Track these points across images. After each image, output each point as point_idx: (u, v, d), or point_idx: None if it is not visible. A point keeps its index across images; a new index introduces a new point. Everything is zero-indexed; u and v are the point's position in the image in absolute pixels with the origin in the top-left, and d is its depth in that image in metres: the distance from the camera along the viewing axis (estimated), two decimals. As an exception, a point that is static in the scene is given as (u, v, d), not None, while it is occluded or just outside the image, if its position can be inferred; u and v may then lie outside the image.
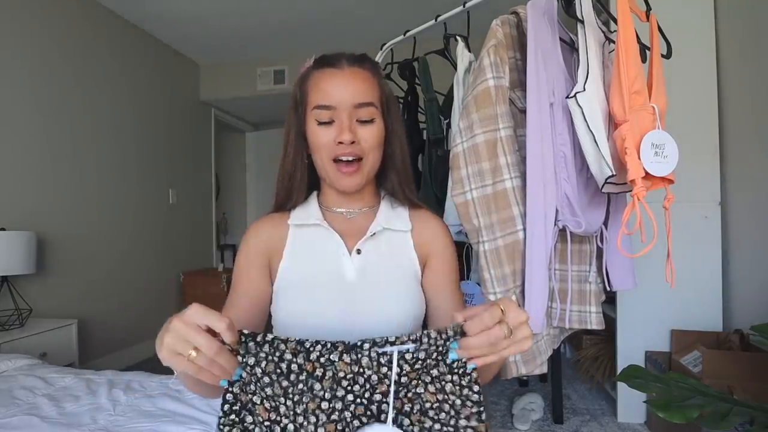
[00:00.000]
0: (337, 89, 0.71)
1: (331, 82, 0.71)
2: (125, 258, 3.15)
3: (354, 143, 0.70)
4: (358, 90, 0.71)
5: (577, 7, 1.10)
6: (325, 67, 0.73)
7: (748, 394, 1.35)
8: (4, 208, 2.33)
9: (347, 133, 0.69)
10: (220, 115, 4.45)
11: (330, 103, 0.70)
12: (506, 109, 1.15)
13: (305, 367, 0.48)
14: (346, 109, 0.70)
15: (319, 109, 0.71)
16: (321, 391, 0.48)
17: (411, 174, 0.81)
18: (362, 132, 0.71)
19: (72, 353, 2.31)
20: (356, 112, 0.71)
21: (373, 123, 0.72)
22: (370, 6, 3.11)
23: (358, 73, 0.72)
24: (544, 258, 1.11)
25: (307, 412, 0.48)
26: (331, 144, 0.71)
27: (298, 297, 0.72)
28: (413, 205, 0.80)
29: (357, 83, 0.71)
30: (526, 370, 1.16)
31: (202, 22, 3.32)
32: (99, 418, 1.27)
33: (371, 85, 0.73)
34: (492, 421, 2.12)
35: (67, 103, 2.74)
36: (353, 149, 0.70)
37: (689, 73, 1.92)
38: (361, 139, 0.71)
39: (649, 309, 1.98)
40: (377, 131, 0.73)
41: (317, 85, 0.72)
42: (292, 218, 0.78)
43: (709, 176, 1.95)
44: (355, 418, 0.49)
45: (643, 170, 0.92)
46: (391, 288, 0.73)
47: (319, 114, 0.71)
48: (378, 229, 0.75)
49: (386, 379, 0.49)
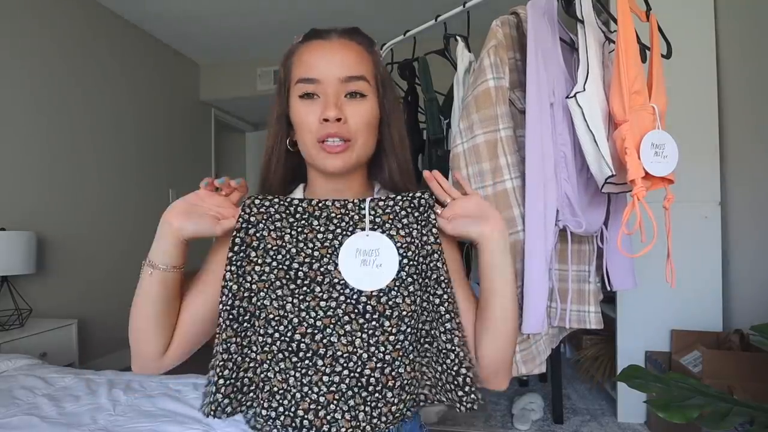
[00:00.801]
0: (322, 60, 0.63)
1: (315, 53, 0.64)
2: (125, 258, 3.15)
3: (340, 121, 0.62)
4: (346, 62, 0.63)
5: (577, 7, 1.10)
6: (312, 39, 0.66)
7: (748, 394, 1.35)
8: (4, 208, 2.33)
9: (332, 108, 0.61)
10: (220, 115, 4.45)
11: (314, 76, 0.63)
12: (506, 110, 1.15)
13: (308, 209, 0.63)
14: (332, 83, 0.62)
15: (303, 83, 0.63)
16: (318, 225, 0.63)
17: (411, 166, 0.73)
18: (351, 109, 0.63)
19: (72, 353, 2.31)
20: (344, 86, 0.63)
21: (365, 99, 0.64)
22: (370, 6, 3.11)
23: (349, 45, 0.65)
24: (544, 258, 1.11)
25: (307, 240, 0.62)
26: (316, 123, 0.63)
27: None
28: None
29: (346, 55, 0.64)
30: (525, 369, 1.16)
31: (202, 22, 3.32)
32: (99, 418, 1.27)
33: (363, 58, 0.65)
34: (492, 421, 2.12)
35: (67, 103, 2.74)
36: (339, 129, 0.62)
37: (689, 73, 1.92)
38: (349, 117, 0.63)
39: (649, 309, 1.98)
40: (369, 109, 0.64)
41: (301, 58, 0.65)
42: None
43: (709, 176, 1.95)
44: (340, 244, 0.62)
45: (643, 170, 0.92)
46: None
47: (302, 87, 0.63)
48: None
49: (364, 220, 0.63)
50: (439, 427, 2.06)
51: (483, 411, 2.22)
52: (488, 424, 2.08)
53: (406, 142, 0.72)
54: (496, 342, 0.64)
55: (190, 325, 0.65)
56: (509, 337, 0.65)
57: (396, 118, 0.70)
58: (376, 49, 0.70)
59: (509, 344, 0.65)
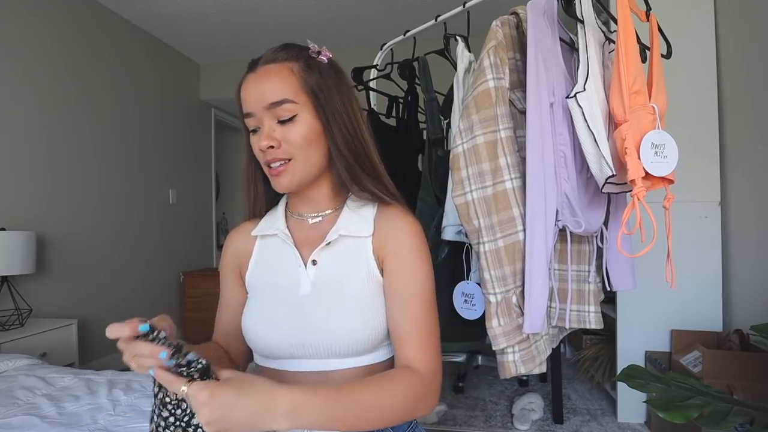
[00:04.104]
0: (251, 93, 0.67)
1: (246, 87, 0.68)
2: (125, 258, 3.15)
3: (273, 148, 0.66)
4: (267, 89, 0.65)
5: (577, 7, 1.10)
6: (247, 72, 0.69)
7: (748, 394, 1.35)
8: (4, 208, 2.33)
9: (264, 139, 0.65)
10: (220, 115, 4.45)
11: (248, 110, 0.67)
12: (506, 110, 1.15)
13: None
14: (262, 112, 0.66)
15: (245, 117, 0.68)
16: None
17: (372, 162, 0.72)
18: (284, 133, 0.66)
19: (72, 353, 2.31)
20: (274, 112, 0.66)
21: (294, 121, 0.66)
22: (370, 6, 3.11)
23: (271, 70, 0.66)
24: (544, 258, 1.11)
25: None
26: (259, 152, 0.67)
27: (255, 310, 0.71)
28: (383, 201, 0.72)
29: (266, 82, 0.66)
30: (525, 369, 1.16)
31: (202, 22, 3.32)
32: (99, 418, 1.27)
33: (285, 79, 0.66)
34: (492, 421, 2.12)
35: (67, 102, 2.74)
36: (276, 154, 0.66)
37: (689, 73, 1.92)
38: (282, 140, 0.66)
39: (649, 309, 1.98)
40: (300, 128, 0.66)
41: (241, 94, 0.69)
42: (257, 229, 0.76)
43: (709, 176, 1.95)
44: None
45: (643, 170, 0.92)
46: (341, 302, 0.66)
47: (246, 123, 0.69)
48: (333, 237, 0.69)
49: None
50: (439, 427, 2.06)
51: (483, 411, 2.22)
52: (488, 424, 2.08)
53: (360, 136, 0.70)
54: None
55: (239, 334, 0.74)
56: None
57: (338, 122, 0.68)
58: (312, 56, 0.69)
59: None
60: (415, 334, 0.64)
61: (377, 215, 0.71)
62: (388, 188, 0.73)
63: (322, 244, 0.69)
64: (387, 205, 0.72)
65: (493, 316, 1.13)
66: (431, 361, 0.64)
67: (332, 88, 0.68)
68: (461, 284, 1.40)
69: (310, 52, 0.69)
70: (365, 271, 0.68)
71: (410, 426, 0.72)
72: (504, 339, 1.13)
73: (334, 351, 0.65)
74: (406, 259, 0.67)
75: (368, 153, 0.71)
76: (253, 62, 0.69)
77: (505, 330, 1.13)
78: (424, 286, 0.67)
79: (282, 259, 0.72)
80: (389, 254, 0.68)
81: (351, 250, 0.69)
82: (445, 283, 1.42)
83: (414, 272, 0.67)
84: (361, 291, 0.67)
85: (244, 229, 0.79)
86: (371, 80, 2.16)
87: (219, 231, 4.65)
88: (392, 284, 0.67)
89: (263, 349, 0.69)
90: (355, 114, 0.70)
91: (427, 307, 0.66)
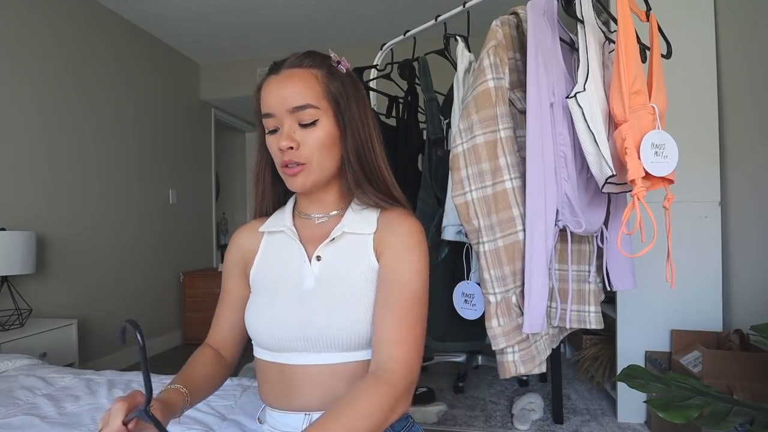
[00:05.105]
0: (274, 96, 0.70)
1: (268, 89, 0.71)
2: (125, 258, 3.15)
3: (294, 149, 0.69)
4: (292, 93, 0.69)
5: (577, 7, 1.10)
6: (269, 74, 0.72)
7: (748, 394, 1.35)
8: (4, 208, 2.33)
9: (284, 139, 0.68)
10: (220, 115, 4.45)
11: (270, 111, 0.70)
12: (506, 110, 1.15)
13: None
14: (284, 115, 0.69)
15: (265, 117, 0.71)
16: None
17: (380, 172, 0.75)
18: (303, 136, 0.69)
19: (72, 353, 2.31)
20: (296, 116, 0.69)
21: (315, 125, 0.69)
22: (370, 6, 3.11)
23: (295, 74, 0.70)
24: (544, 258, 1.11)
25: None
26: (277, 152, 0.70)
27: (260, 303, 0.73)
28: (386, 207, 0.75)
29: (291, 86, 0.69)
30: (524, 369, 1.16)
31: (202, 22, 3.32)
32: (99, 418, 1.27)
33: (309, 85, 0.69)
34: (492, 421, 2.12)
35: (66, 102, 2.74)
36: (293, 156, 0.69)
37: (689, 73, 1.92)
38: (302, 143, 0.69)
39: (649, 309, 1.98)
40: (320, 134, 0.69)
41: (262, 95, 0.72)
42: (264, 225, 0.79)
43: (709, 176, 1.95)
44: None
45: (643, 170, 0.92)
46: (344, 296, 0.69)
47: (265, 123, 0.72)
48: (337, 233, 0.72)
49: None
50: (439, 427, 2.06)
51: (483, 411, 2.22)
52: (488, 424, 2.08)
53: (371, 146, 0.74)
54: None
55: (237, 333, 0.79)
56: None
57: (353, 129, 0.72)
58: (333, 65, 0.74)
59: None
60: (396, 324, 0.65)
61: (380, 216, 0.75)
62: (395, 196, 0.77)
63: (327, 240, 0.73)
64: (390, 209, 0.76)
65: (493, 316, 1.13)
66: (408, 357, 0.63)
67: (351, 97, 0.73)
68: (461, 284, 1.40)
69: (332, 61, 0.73)
70: (367, 266, 0.71)
71: (407, 426, 0.72)
72: (504, 339, 1.13)
73: (336, 344, 0.67)
74: (401, 252, 0.70)
75: (377, 163, 0.75)
76: (276, 65, 0.72)
77: (505, 330, 1.13)
78: (412, 279, 0.68)
79: (287, 255, 0.75)
80: (386, 248, 0.71)
81: (354, 247, 0.72)
82: (445, 283, 1.43)
83: (405, 266, 0.69)
84: (362, 286, 0.70)
85: (252, 226, 0.82)
86: (371, 80, 2.16)
87: (219, 231, 4.65)
88: (383, 275, 0.69)
89: (267, 343, 0.71)
90: (369, 123, 0.75)
91: (413, 299, 0.67)
